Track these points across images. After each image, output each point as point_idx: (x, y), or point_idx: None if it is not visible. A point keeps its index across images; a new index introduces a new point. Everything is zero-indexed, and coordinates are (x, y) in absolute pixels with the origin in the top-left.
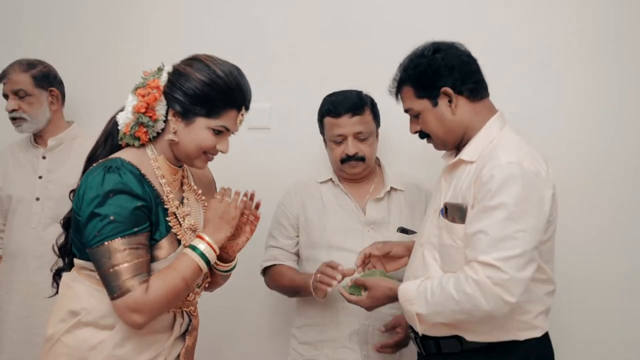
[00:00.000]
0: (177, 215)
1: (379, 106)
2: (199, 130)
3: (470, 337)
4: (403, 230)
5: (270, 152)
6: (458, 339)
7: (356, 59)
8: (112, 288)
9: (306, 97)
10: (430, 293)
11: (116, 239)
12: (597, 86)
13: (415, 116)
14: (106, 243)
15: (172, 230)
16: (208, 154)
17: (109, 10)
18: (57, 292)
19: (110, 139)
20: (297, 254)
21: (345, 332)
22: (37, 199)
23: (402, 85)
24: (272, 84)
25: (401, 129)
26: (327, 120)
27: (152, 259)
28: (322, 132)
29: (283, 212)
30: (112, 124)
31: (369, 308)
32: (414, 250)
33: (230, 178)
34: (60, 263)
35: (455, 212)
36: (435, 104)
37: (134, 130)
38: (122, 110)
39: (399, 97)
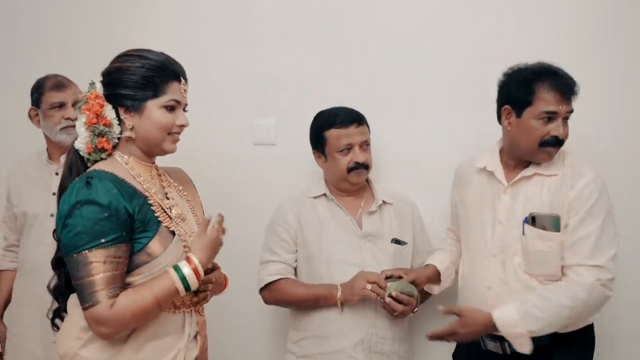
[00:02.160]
0: (163, 207)
1: (377, 121)
2: (154, 113)
3: (565, 330)
4: (396, 241)
5: (276, 168)
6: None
7: (361, 77)
8: (81, 299)
9: (311, 113)
10: (538, 310)
11: (83, 252)
12: (596, 89)
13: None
14: (74, 255)
15: (163, 223)
16: (172, 133)
17: (109, 16)
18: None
19: (74, 168)
20: (296, 269)
21: (350, 342)
22: (52, 215)
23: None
24: (278, 101)
25: (388, 142)
26: (333, 132)
27: (151, 256)
28: (319, 146)
29: (282, 227)
30: (73, 153)
31: (457, 335)
32: (477, 260)
33: (236, 192)
34: (55, 305)
35: (546, 222)
36: None
37: (95, 144)
38: (75, 139)
39: (572, 98)
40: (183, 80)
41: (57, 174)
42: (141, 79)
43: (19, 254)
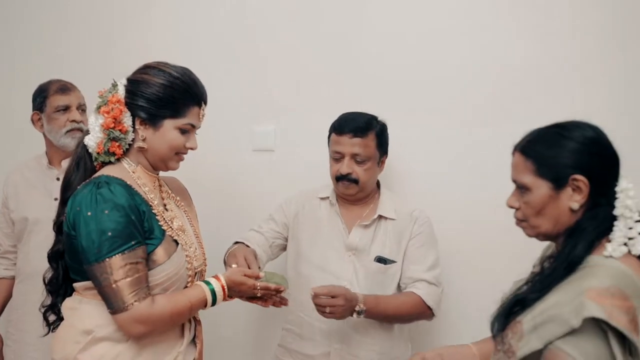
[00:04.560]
0: (165, 218)
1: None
2: (168, 132)
3: None
4: (380, 260)
5: (274, 174)
6: None
7: (359, 84)
8: (115, 302)
9: (309, 120)
10: None
11: (116, 255)
12: (598, 91)
13: None
14: (107, 259)
15: (167, 233)
16: (179, 153)
17: (112, 22)
18: (50, 331)
19: (82, 163)
20: (272, 248)
21: (320, 351)
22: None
23: None
24: (276, 108)
25: (410, 154)
26: (332, 136)
27: (155, 263)
28: (328, 147)
29: (280, 211)
30: (81, 148)
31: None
32: None
33: (236, 198)
34: (48, 301)
35: None
36: None
37: (108, 147)
38: (87, 133)
39: None
40: (203, 105)
41: (58, 179)
42: (164, 97)
43: (17, 260)
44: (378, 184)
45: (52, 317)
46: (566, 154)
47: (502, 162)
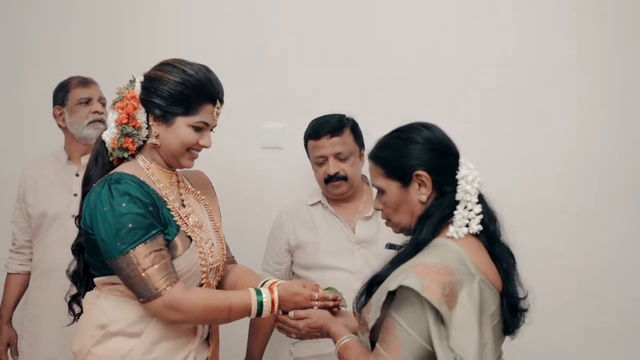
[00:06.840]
0: (181, 215)
1: (382, 127)
2: (180, 129)
3: None
4: (391, 246)
5: (283, 171)
6: None
7: (367, 82)
8: (147, 291)
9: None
10: None
11: (139, 245)
12: (596, 91)
13: None
14: (131, 251)
15: (181, 228)
16: (192, 151)
17: (118, 19)
18: (74, 320)
19: (100, 158)
20: (288, 272)
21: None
22: (73, 216)
23: None
24: (285, 105)
25: None
26: (310, 143)
27: (172, 257)
28: (308, 155)
29: (274, 237)
30: (100, 144)
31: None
32: None
33: (244, 195)
34: (74, 290)
35: None
36: None
37: (121, 142)
38: (105, 129)
39: None
40: (218, 104)
41: (77, 175)
42: (177, 94)
43: (34, 255)
44: (365, 179)
45: (77, 309)
46: (407, 154)
47: (501, 161)
